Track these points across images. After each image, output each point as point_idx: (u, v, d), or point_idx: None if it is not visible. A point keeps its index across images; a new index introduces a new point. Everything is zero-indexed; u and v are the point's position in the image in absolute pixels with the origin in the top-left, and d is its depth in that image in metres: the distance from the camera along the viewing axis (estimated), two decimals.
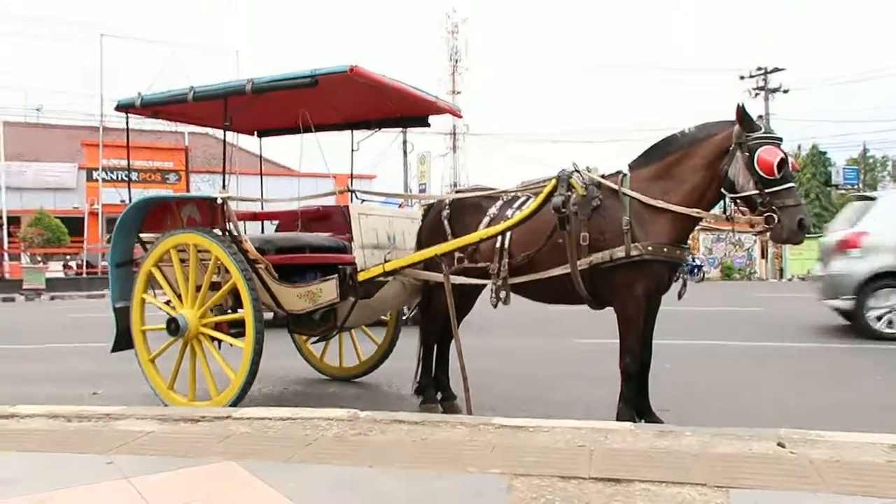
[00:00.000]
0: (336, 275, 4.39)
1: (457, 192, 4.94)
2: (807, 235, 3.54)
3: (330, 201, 5.99)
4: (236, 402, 4.25)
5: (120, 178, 23.39)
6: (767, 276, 31.23)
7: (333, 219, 5.59)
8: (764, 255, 31.74)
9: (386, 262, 4.39)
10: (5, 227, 24.43)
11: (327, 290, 4.41)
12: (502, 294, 4.12)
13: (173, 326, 4.47)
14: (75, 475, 2.77)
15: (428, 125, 5.55)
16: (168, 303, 4.75)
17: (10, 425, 3.65)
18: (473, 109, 53.56)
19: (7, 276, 23.33)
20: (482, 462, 2.83)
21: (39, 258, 22.19)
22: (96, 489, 2.60)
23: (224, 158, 4.71)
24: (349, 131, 5.63)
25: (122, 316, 4.83)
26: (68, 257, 27.05)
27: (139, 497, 2.50)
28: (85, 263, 26.21)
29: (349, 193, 5.20)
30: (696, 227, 3.88)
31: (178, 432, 3.45)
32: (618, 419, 3.67)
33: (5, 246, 24.39)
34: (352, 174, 5.67)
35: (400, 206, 7.98)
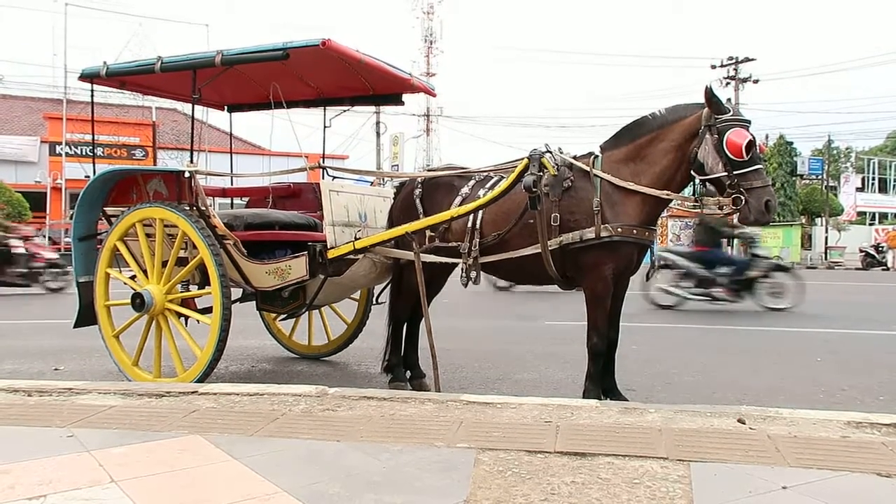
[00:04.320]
0: (306, 252, 4.35)
1: (429, 170, 4.92)
2: (773, 222, 3.63)
3: (301, 178, 5.92)
4: (202, 380, 4.20)
5: (84, 153, 22.79)
6: None
7: (304, 196, 5.53)
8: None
9: (356, 239, 4.37)
10: None
11: (297, 267, 4.37)
12: (473, 273, 4.12)
13: (138, 302, 4.40)
14: (35, 448, 2.71)
15: (402, 103, 5.49)
16: (133, 278, 4.66)
17: None
18: (448, 92, 53.33)
19: None
20: (449, 437, 2.84)
21: None
22: (56, 462, 2.55)
23: (192, 132, 4.61)
24: (321, 108, 5.55)
25: (86, 291, 4.72)
26: None
27: (100, 469, 2.46)
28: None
29: (320, 171, 5.13)
30: (666, 212, 3.92)
31: (143, 407, 3.40)
32: (584, 397, 3.72)
33: None
34: (324, 152, 5.61)
35: (371, 184, 7.92)
